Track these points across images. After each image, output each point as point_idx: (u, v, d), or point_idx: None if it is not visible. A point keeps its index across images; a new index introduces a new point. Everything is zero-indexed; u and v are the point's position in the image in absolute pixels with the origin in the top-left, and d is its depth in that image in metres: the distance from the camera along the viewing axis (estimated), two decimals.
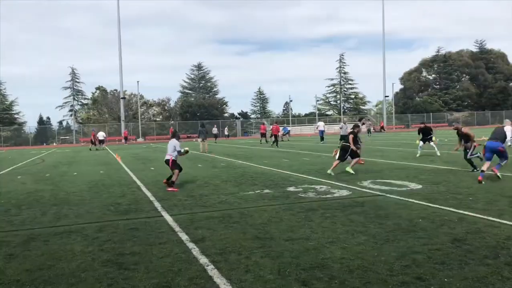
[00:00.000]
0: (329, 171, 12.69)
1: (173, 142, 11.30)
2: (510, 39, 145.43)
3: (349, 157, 12.82)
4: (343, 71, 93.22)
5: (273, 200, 8.92)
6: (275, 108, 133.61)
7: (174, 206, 8.60)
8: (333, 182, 11.10)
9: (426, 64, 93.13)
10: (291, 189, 10.25)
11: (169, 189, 10.66)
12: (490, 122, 74.17)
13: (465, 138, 12.43)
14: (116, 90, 74.74)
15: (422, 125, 19.24)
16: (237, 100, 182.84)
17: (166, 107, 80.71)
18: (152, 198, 9.66)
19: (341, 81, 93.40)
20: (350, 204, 8.15)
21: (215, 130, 48.71)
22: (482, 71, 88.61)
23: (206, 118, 65.36)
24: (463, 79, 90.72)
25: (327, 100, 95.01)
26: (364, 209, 7.69)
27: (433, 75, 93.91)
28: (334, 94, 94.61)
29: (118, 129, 62.52)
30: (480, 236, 5.66)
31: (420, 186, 9.94)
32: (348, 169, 12.69)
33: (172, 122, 69.50)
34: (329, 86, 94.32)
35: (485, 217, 6.72)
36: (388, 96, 76.90)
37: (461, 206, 7.56)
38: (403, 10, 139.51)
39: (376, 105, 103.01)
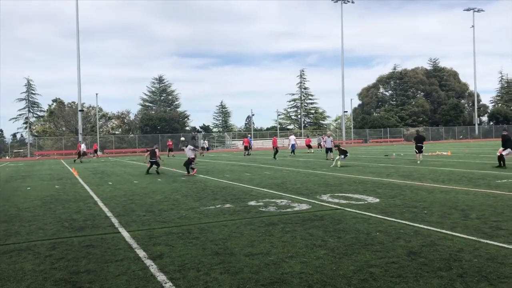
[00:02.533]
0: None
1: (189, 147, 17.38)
2: (461, 58, 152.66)
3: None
4: (303, 87, 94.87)
5: (234, 214, 8.87)
6: (237, 121, 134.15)
7: (132, 222, 8.40)
8: (293, 196, 11.18)
9: (383, 80, 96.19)
10: (252, 203, 10.24)
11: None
12: (443, 137, 77.14)
13: None
14: (74, 102, 72.83)
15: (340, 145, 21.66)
16: (199, 113, 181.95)
17: (125, 120, 79.24)
18: (109, 214, 9.40)
19: (302, 96, 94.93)
20: (310, 218, 8.22)
21: (205, 144, 49.18)
22: (436, 88, 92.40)
23: (167, 131, 64.59)
24: (418, 95, 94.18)
25: (288, 114, 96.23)
26: (324, 223, 7.77)
27: (390, 92, 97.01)
28: (295, 109, 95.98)
29: (75, 142, 60.72)
30: (434, 249, 5.83)
31: (377, 200, 10.16)
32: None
33: (132, 135, 68.28)
34: (290, 101, 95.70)
35: (439, 230, 6.93)
36: (347, 111, 78.69)
37: (417, 219, 7.77)
38: (362, 28, 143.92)
39: (336, 120, 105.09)
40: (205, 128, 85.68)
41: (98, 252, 6.20)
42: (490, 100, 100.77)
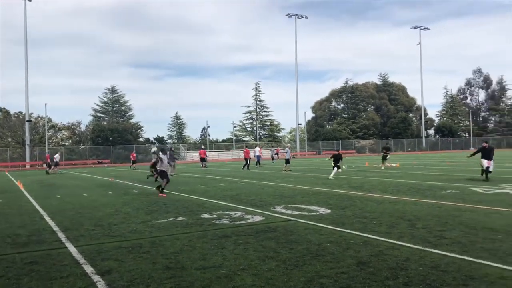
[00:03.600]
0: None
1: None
2: (409, 74, 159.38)
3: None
4: (259, 99, 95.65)
5: (187, 227, 8.76)
6: (193, 133, 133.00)
7: (80, 237, 8.11)
8: (247, 208, 11.18)
9: (336, 94, 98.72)
10: (206, 216, 10.16)
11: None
12: (393, 150, 79.78)
13: None
14: (21, 112, 69.83)
15: (336, 152, 21.03)
16: (153, 125, 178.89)
17: (76, 131, 76.75)
18: (55, 228, 9.03)
19: (257, 108, 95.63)
20: (263, 230, 8.25)
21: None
22: (385, 102, 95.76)
23: (119, 143, 63.09)
24: (368, 109, 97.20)
25: (243, 126, 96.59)
26: (276, 234, 7.82)
27: (342, 105, 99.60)
28: (251, 121, 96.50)
29: (22, 154, 58.10)
30: (382, 259, 5.99)
31: (329, 211, 10.34)
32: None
33: (83, 146, 66.19)
34: (246, 113, 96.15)
35: (387, 239, 7.14)
36: (301, 124, 79.99)
37: (366, 230, 7.97)
38: (316, 43, 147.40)
39: (290, 132, 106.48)
40: (159, 140, 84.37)
41: (43, 269, 5.93)
42: (436, 114, 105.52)
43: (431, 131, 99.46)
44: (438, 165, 27.94)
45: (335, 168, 20.32)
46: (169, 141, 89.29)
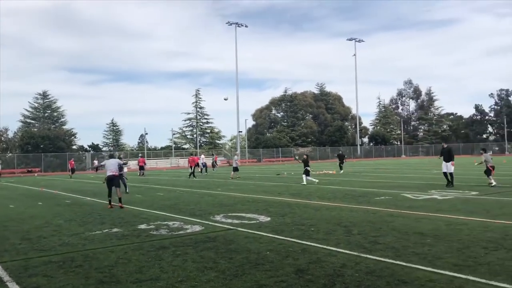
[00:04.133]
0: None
1: (116, 160, 14.28)
2: (345, 84, 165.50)
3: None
4: (199, 106, 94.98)
5: (122, 239, 8.44)
6: (130, 140, 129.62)
7: (5, 252, 7.57)
8: (186, 218, 10.99)
9: (275, 102, 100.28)
10: (143, 226, 9.86)
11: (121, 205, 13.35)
12: (330, 157, 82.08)
13: None
14: None
15: (305, 157, 21.73)
16: (87, 131, 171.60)
17: (2, 138, 72.17)
18: None
19: (197, 115, 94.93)
20: (202, 240, 8.13)
21: (95, 163, 47.59)
22: (322, 111, 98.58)
23: (51, 150, 60.03)
24: (307, 117, 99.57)
25: (183, 133, 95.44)
26: (216, 244, 7.73)
27: (281, 113, 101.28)
28: (191, 128, 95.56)
29: None
30: (320, 265, 6.08)
31: (268, 219, 10.40)
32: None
33: (10, 154, 62.33)
34: (185, 120, 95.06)
35: (324, 246, 7.27)
36: (241, 132, 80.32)
37: (304, 237, 8.08)
38: (255, 52, 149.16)
39: (231, 140, 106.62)
40: (94, 147, 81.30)
41: None
42: (370, 123, 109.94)
43: (366, 139, 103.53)
44: (372, 172, 29.07)
45: (305, 175, 20.73)
46: (104, 148, 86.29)
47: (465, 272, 5.52)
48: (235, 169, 28.28)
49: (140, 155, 47.37)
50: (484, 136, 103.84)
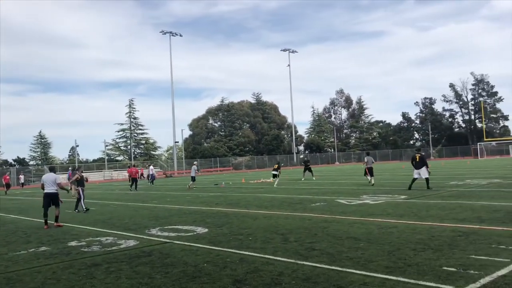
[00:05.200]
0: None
1: (53, 175, 12.41)
2: (280, 93, 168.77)
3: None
4: (133, 116, 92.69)
5: (51, 258, 7.96)
6: (60, 153, 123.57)
7: None
8: (120, 232, 10.59)
9: (212, 112, 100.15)
10: (73, 243, 9.37)
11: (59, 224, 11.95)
12: (267, 166, 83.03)
13: None
14: None
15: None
16: (12, 145, 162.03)
17: None
18: None
19: (131, 126, 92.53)
20: (137, 255, 7.86)
21: (21, 179, 44.96)
22: (259, 120, 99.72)
23: None
24: (244, 127, 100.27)
25: (117, 145, 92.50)
26: (151, 258, 7.50)
27: (218, 123, 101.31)
28: (124, 139, 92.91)
29: None
30: (258, 275, 6.07)
31: (206, 230, 10.27)
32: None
33: None
34: (119, 131, 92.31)
35: (262, 255, 7.28)
36: (178, 142, 79.18)
37: (242, 247, 8.05)
38: (191, 61, 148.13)
39: (167, 151, 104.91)
40: (20, 161, 76.70)
41: None
42: (305, 131, 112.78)
43: (301, 147, 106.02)
44: (307, 179, 29.72)
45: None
46: (31, 162, 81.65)
47: (396, 273, 5.75)
48: (193, 179, 28.20)
49: (70, 168, 45.22)
50: (411, 142, 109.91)
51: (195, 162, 30.45)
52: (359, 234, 8.76)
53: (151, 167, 38.65)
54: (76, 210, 15.99)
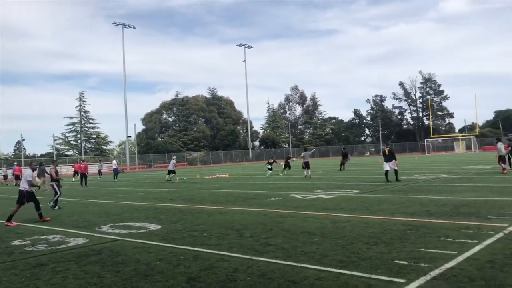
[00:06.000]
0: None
1: (28, 171, 11.94)
2: (236, 89, 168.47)
3: None
4: (83, 110, 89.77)
5: None
6: (4, 148, 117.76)
7: None
8: (68, 230, 10.15)
9: (166, 106, 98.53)
10: (16, 243, 8.87)
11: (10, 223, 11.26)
12: (223, 161, 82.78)
13: None
14: None
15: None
16: None
17: None
18: None
19: (82, 120, 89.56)
20: (86, 253, 7.53)
21: None
22: (215, 115, 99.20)
23: None
24: (199, 121, 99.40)
25: (66, 139, 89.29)
26: (101, 257, 7.21)
27: (173, 117, 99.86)
28: (74, 134, 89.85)
29: None
30: (212, 272, 5.96)
31: (159, 227, 10.02)
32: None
33: None
34: (68, 125, 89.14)
35: (217, 251, 7.17)
36: (130, 137, 77.48)
37: (197, 243, 7.90)
38: (145, 54, 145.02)
39: (119, 145, 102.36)
40: None
41: None
42: (261, 127, 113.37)
43: (257, 143, 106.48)
44: (263, 174, 29.83)
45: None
46: None
47: (349, 268, 5.80)
48: (173, 172, 28.88)
49: (15, 163, 43.19)
50: (362, 138, 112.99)
51: (174, 157, 32.87)
52: (314, 228, 8.82)
53: (114, 161, 40.37)
54: (57, 207, 15.15)
